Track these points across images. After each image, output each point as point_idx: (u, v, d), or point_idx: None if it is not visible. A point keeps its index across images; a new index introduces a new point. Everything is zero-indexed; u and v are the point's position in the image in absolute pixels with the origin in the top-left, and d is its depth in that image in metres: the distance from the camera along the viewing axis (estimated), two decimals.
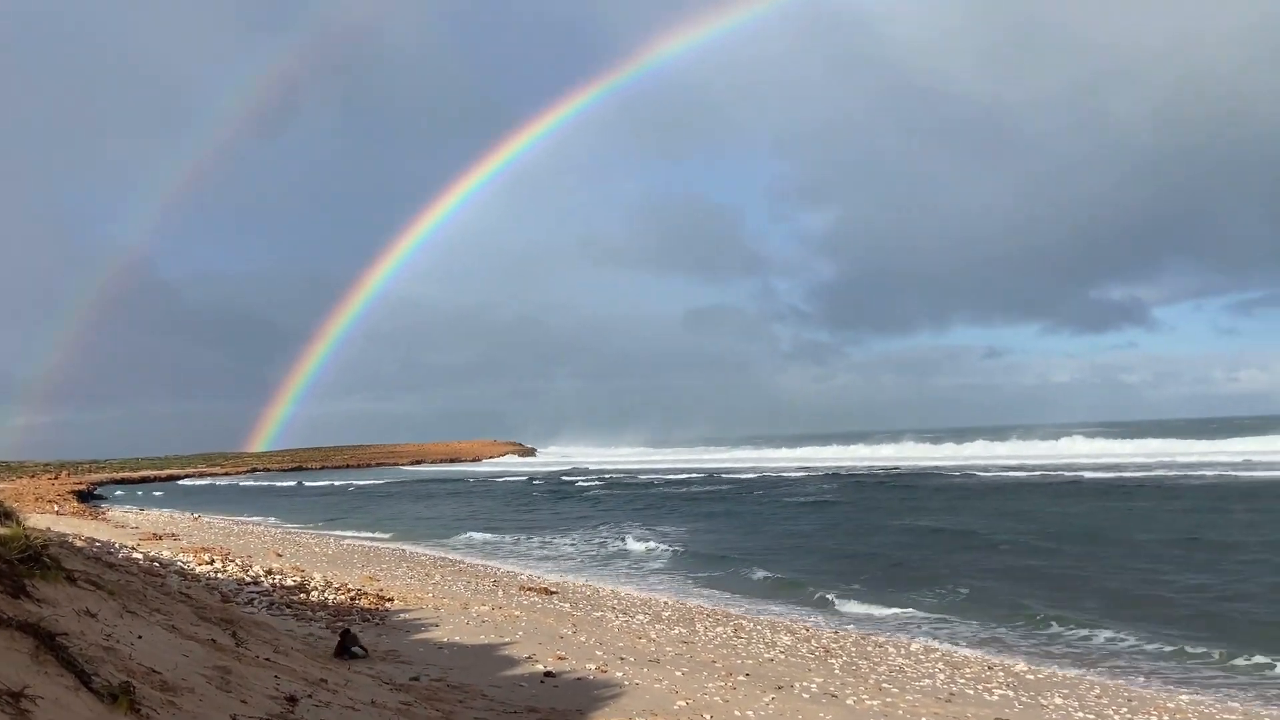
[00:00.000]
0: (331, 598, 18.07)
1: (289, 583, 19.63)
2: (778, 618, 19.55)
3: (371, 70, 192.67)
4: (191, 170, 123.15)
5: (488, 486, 73.78)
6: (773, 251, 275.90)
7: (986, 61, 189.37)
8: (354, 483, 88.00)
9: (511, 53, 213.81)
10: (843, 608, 20.44)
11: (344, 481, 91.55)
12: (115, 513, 49.46)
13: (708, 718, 10.76)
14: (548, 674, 12.29)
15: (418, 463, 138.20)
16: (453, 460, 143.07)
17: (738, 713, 11.10)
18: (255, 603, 16.26)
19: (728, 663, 14.31)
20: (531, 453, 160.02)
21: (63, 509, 46.41)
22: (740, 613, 19.99)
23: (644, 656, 14.20)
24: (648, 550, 30.36)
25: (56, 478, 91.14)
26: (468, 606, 18.24)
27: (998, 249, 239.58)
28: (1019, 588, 21.49)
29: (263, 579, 19.83)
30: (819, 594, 21.63)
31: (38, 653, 5.01)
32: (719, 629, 17.63)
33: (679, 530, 35.81)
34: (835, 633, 17.93)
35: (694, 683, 12.51)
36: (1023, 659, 15.75)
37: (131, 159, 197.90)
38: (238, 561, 22.78)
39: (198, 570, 19.96)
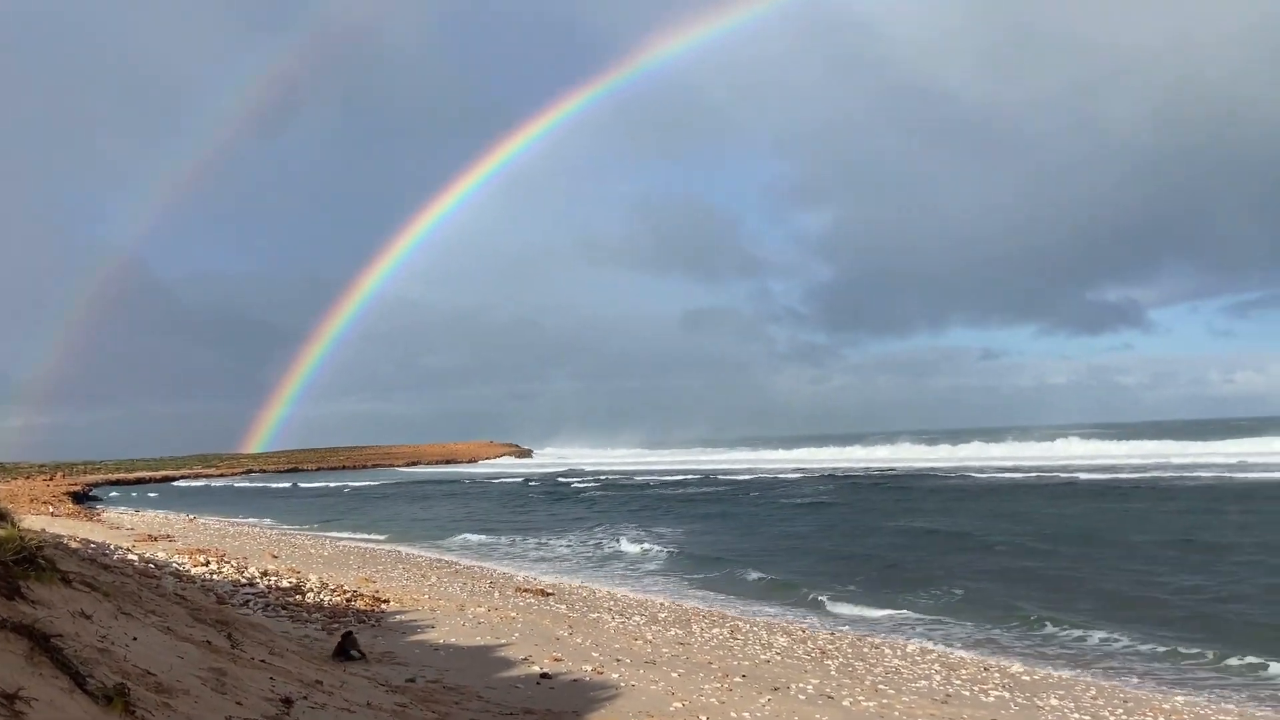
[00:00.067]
0: (327, 599, 18.04)
1: (284, 584, 19.60)
2: (774, 619, 19.56)
3: (368, 71, 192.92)
4: (188, 171, 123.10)
5: (484, 488, 73.71)
6: (770, 252, 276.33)
7: (984, 62, 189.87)
8: (350, 484, 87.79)
9: (508, 53, 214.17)
10: (838, 609, 20.44)
11: (339, 483, 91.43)
12: (110, 514, 49.32)
13: (704, 719, 10.77)
14: (544, 675, 12.29)
15: (414, 464, 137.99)
16: (449, 461, 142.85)
17: (734, 714, 11.11)
18: (251, 604, 16.23)
19: (724, 664, 14.32)
20: (528, 454, 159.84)
21: (58, 510, 46.31)
22: (736, 614, 19.99)
23: (640, 658, 14.20)
24: (643, 552, 30.36)
25: (51, 479, 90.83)
26: (464, 608, 18.23)
27: (994, 250, 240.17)
28: (1014, 589, 21.53)
29: (258, 580, 19.80)
30: (815, 595, 21.64)
31: (32, 654, 5.01)
32: (715, 630, 17.63)
33: (675, 532, 35.81)
34: (831, 634, 17.94)
35: (690, 684, 12.52)
36: (1018, 660, 15.77)
37: (128, 159, 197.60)
38: (233, 563, 22.75)
39: (193, 572, 19.93)
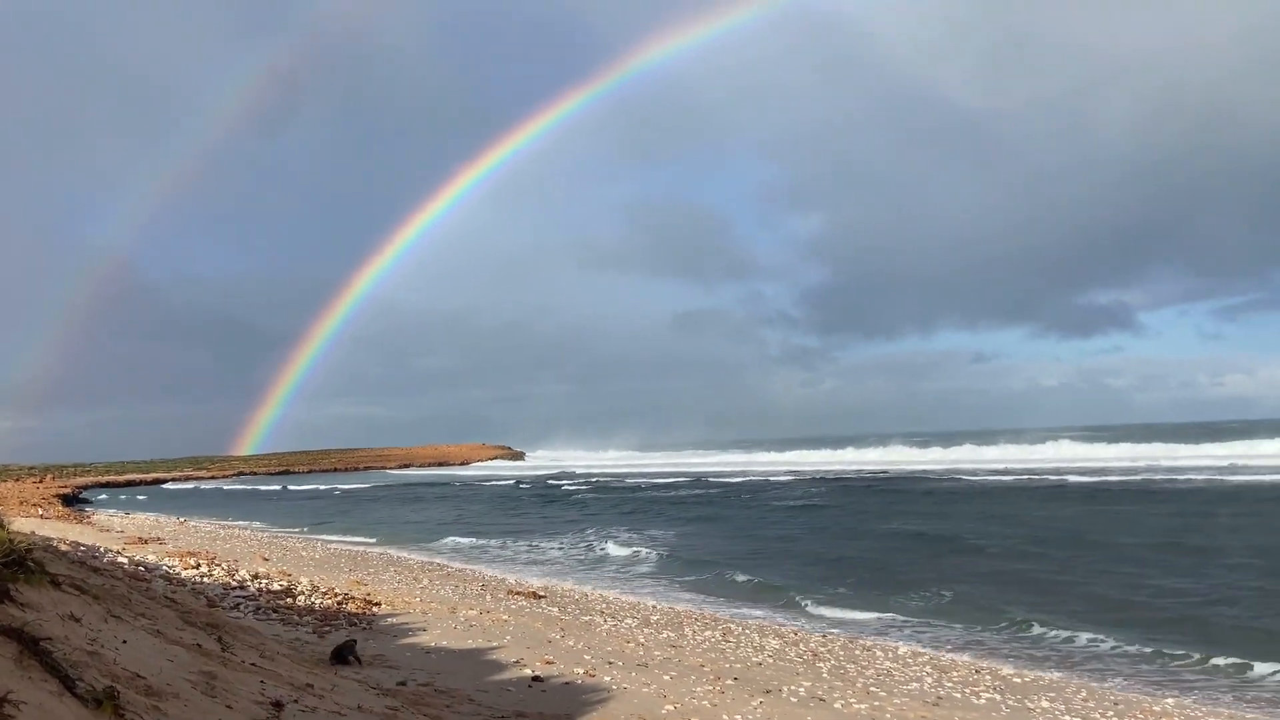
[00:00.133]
0: (318, 602, 17.98)
1: (275, 587, 19.53)
2: (765, 622, 19.58)
3: (361, 75, 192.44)
4: (179, 173, 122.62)
5: (475, 490, 73.60)
6: (761, 255, 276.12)
7: (975, 67, 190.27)
8: (340, 486, 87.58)
9: (501, 56, 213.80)
10: (830, 612, 20.47)
11: (330, 485, 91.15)
12: (100, 516, 49.11)
13: None
14: (535, 678, 12.28)
15: (405, 466, 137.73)
16: (441, 464, 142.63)
17: (726, 717, 11.12)
18: (241, 607, 16.17)
19: (716, 667, 14.33)
20: (520, 456, 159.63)
21: (47, 513, 46.02)
22: (728, 617, 20.01)
23: (632, 661, 14.20)
24: (634, 554, 30.35)
25: (41, 481, 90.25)
26: (455, 611, 18.19)
27: (985, 253, 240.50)
28: (1005, 591, 21.60)
29: (249, 583, 19.72)
30: (806, 598, 21.66)
31: (21, 658, 4.99)
32: (707, 633, 17.64)
33: (666, 534, 35.81)
34: (823, 637, 17.96)
35: (682, 687, 12.52)
36: (1009, 662, 15.82)
37: (120, 160, 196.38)
38: (224, 566, 22.67)
39: (183, 575, 19.84)
